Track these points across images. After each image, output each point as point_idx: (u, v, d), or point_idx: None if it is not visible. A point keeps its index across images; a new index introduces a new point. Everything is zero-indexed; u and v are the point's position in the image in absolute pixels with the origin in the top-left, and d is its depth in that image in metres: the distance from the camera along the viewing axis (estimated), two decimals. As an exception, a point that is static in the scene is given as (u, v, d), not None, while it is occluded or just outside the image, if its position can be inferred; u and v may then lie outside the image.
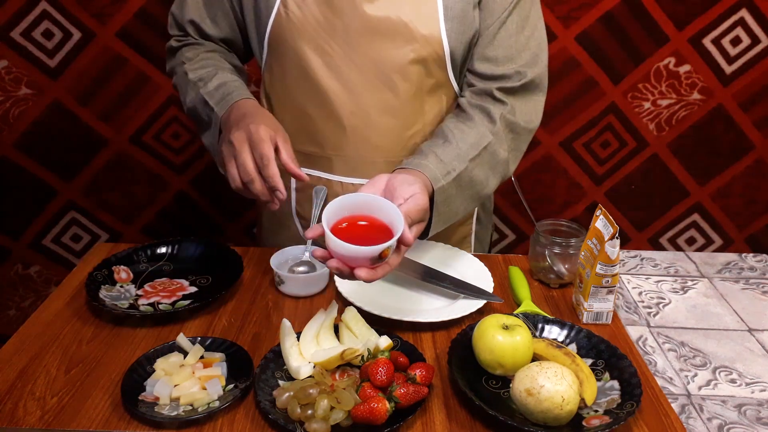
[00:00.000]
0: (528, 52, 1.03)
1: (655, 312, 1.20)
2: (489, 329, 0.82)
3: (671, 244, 1.92)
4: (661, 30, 1.65)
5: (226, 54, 1.14)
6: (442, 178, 0.94)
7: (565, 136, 1.78)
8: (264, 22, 1.05)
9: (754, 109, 1.74)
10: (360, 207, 0.80)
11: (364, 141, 1.07)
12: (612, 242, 0.89)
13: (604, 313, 0.95)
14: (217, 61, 1.09)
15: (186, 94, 1.07)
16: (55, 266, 1.88)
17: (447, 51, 1.02)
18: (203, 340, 0.86)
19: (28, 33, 1.61)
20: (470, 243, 1.24)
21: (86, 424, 0.75)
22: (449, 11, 1.01)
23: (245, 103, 0.99)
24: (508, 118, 1.02)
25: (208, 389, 0.78)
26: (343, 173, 1.09)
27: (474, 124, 1.01)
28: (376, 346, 0.82)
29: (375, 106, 1.05)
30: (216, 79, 1.04)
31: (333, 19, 1.01)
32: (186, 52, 1.11)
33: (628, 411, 0.75)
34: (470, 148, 0.99)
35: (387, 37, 1.01)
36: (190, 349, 0.85)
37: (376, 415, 0.71)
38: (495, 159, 1.01)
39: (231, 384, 0.80)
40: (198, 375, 0.80)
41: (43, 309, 0.97)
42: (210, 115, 1.02)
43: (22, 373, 0.83)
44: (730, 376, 1.04)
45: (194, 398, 0.77)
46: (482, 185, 1.01)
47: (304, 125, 1.08)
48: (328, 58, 1.03)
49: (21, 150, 1.72)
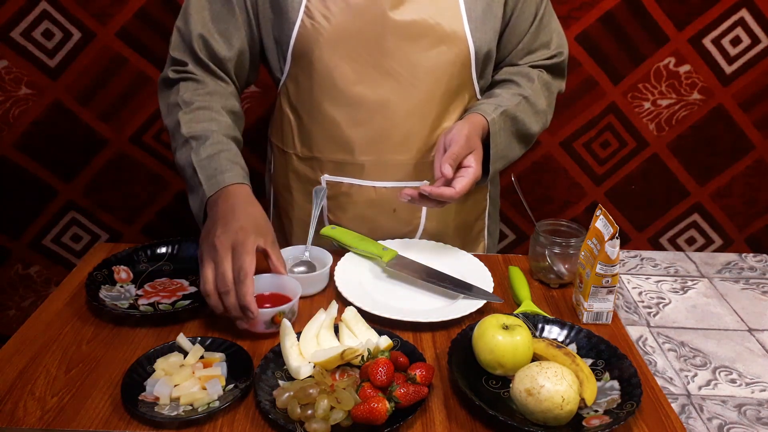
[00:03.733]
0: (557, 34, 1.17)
1: (655, 312, 1.20)
2: (489, 329, 0.82)
3: (671, 244, 1.92)
4: (661, 30, 1.65)
5: (225, 98, 1.08)
6: (492, 111, 1.07)
7: (565, 136, 1.78)
8: (286, 34, 1.05)
9: (754, 109, 1.74)
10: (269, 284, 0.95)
11: (394, 145, 1.09)
12: (612, 242, 0.89)
13: (604, 313, 0.95)
14: (215, 114, 1.04)
15: (176, 149, 1.04)
16: (55, 266, 1.88)
17: (472, 50, 1.06)
18: (203, 340, 0.86)
19: (28, 33, 1.60)
20: (484, 237, 1.28)
21: (86, 424, 0.75)
22: (472, 12, 1.04)
23: (236, 192, 0.96)
24: (544, 78, 1.16)
25: (208, 389, 0.78)
26: (375, 178, 1.11)
27: (513, 84, 1.14)
28: (376, 346, 0.82)
29: (405, 109, 1.07)
30: (210, 144, 1.00)
31: (361, 27, 1.02)
32: (184, 92, 1.06)
33: (628, 411, 0.75)
34: (513, 96, 1.11)
35: (415, 40, 1.03)
36: (190, 349, 0.85)
37: (376, 415, 0.71)
38: (535, 108, 1.13)
39: (231, 384, 0.80)
40: (198, 375, 0.80)
41: (43, 309, 0.97)
42: (197, 188, 0.99)
43: (22, 373, 0.83)
44: (730, 376, 1.04)
45: (194, 398, 0.77)
46: (526, 126, 1.12)
47: (334, 134, 1.09)
48: (357, 66, 1.04)
49: (21, 150, 1.72)
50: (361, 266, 1.07)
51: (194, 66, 1.09)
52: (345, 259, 1.07)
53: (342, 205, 1.15)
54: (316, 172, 1.14)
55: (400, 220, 1.16)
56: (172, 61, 1.10)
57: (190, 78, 1.08)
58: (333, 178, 1.13)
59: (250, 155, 1.72)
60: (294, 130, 1.14)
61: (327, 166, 1.13)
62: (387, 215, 1.15)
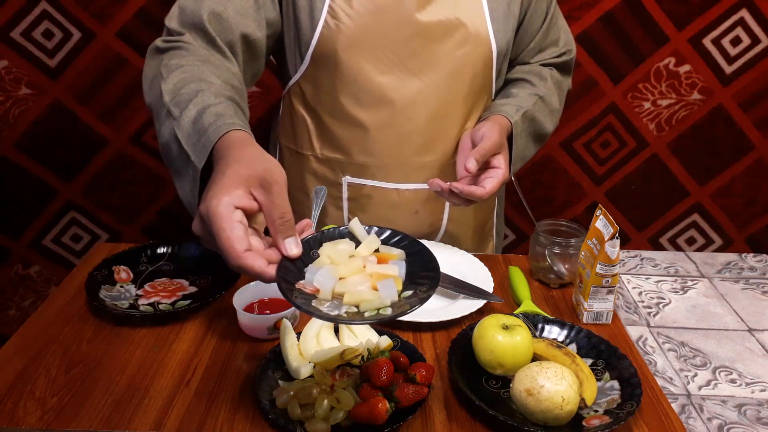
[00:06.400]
0: (564, 31, 1.19)
1: (655, 312, 1.20)
2: (489, 329, 0.82)
3: (671, 244, 1.92)
4: (661, 30, 1.65)
5: (222, 70, 0.88)
6: (515, 113, 1.08)
7: (565, 136, 1.78)
8: (307, 34, 1.02)
9: (754, 109, 1.74)
10: None
11: (418, 146, 1.08)
12: (612, 242, 0.89)
13: (604, 313, 0.95)
14: (205, 79, 0.82)
15: (159, 127, 0.81)
16: (55, 266, 1.88)
17: (494, 50, 1.06)
18: (381, 230, 0.70)
19: (28, 33, 1.60)
20: (493, 237, 1.29)
21: (86, 424, 0.75)
22: (494, 12, 1.05)
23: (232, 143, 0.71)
24: (556, 76, 1.18)
25: (380, 290, 0.63)
26: (399, 180, 1.10)
27: (527, 83, 1.15)
28: (376, 346, 0.82)
29: (430, 110, 1.06)
30: (194, 105, 0.77)
31: (386, 28, 1.01)
32: (169, 59, 0.86)
33: (628, 411, 0.75)
34: (530, 96, 1.12)
35: (440, 41, 1.03)
36: (364, 238, 0.69)
37: (376, 415, 0.71)
38: (550, 107, 1.15)
39: (409, 290, 0.65)
40: (370, 271, 0.65)
41: (43, 309, 0.97)
42: (186, 165, 0.75)
43: (22, 373, 0.83)
44: (730, 376, 1.04)
45: (362, 299, 0.62)
46: (543, 126, 1.13)
47: (358, 136, 1.08)
48: (382, 67, 1.03)
49: (21, 150, 1.72)
50: (361, 266, 1.06)
51: (194, 36, 0.92)
52: (345, 259, 1.06)
53: (363, 206, 1.13)
54: (337, 173, 1.12)
55: (422, 222, 1.15)
56: (167, 31, 0.95)
57: (181, 47, 0.89)
58: (355, 179, 1.11)
59: (250, 155, 1.72)
60: (311, 132, 1.12)
61: (349, 168, 1.10)
62: (409, 217, 1.13)
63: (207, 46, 0.92)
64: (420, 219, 1.14)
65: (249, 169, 0.64)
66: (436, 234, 1.17)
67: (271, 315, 0.88)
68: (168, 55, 0.88)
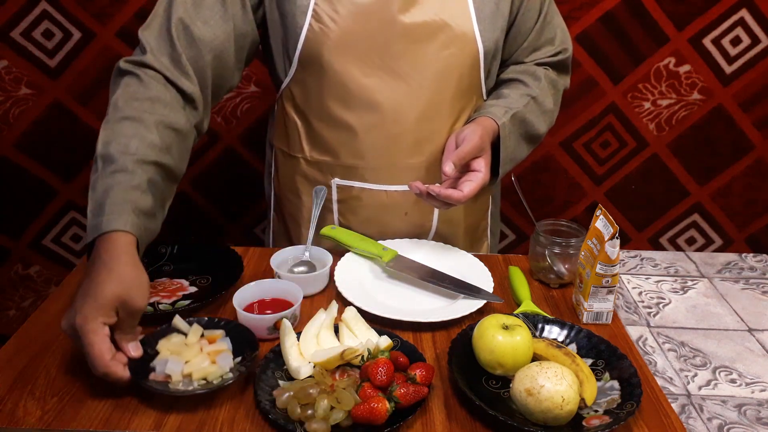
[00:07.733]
0: (560, 30, 1.18)
1: (655, 312, 1.20)
2: (489, 329, 0.82)
3: (671, 244, 1.92)
4: (661, 30, 1.65)
5: (168, 109, 0.92)
6: (502, 115, 1.07)
7: (565, 136, 1.78)
8: (293, 38, 1.03)
9: (754, 109, 1.74)
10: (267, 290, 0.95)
11: (406, 148, 1.08)
12: (612, 242, 0.89)
13: (604, 313, 0.95)
14: (143, 129, 0.89)
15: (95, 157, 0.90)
16: (55, 266, 1.88)
17: (481, 50, 1.06)
18: (200, 320, 0.87)
19: (28, 33, 1.60)
20: (487, 237, 1.28)
21: (86, 424, 0.75)
22: (480, 12, 1.04)
23: (112, 245, 0.80)
24: (551, 76, 1.17)
25: (218, 362, 0.79)
26: (388, 182, 1.11)
27: (520, 83, 1.14)
28: (376, 346, 0.82)
29: (416, 112, 1.06)
30: (110, 173, 0.87)
31: (370, 30, 1.01)
32: (121, 93, 0.92)
33: (628, 411, 0.75)
34: (521, 97, 1.12)
35: (425, 42, 1.03)
36: (187, 330, 0.85)
37: (376, 415, 0.71)
38: (543, 108, 1.14)
39: (238, 357, 0.82)
40: (206, 351, 0.81)
41: (43, 309, 0.97)
42: (91, 210, 0.85)
43: (22, 373, 0.83)
44: (730, 376, 1.04)
45: (207, 372, 0.78)
46: (534, 127, 1.12)
47: (346, 139, 1.08)
48: (367, 70, 1.03)
49: (21, 150, 1.72)
50: (361, 266, 1.06)
51: (158, 56, 0.95)
52: (345, 259, 1.07)
53: (353, 208, 1.14)
54: (326, 175, 1.13)
55: (411, 223, 1.15)
56: (138, 45, 0.99)
57: (136, 74, 0.94)
58: (344, 182, 1.12)
59: (250, 155, 1.72)
60: (301, 134, 1.13)
61: (337, 170, 1.11)
62: (398, 218, 1.14)
63: (168, 69, 0.95)
64: (410, 220, 1.15)
65: (119, 288, 0.77)
66: (427, 235, 1.17)
67: (271, 315, 0.89)
68: (124, 82, 0.94)
